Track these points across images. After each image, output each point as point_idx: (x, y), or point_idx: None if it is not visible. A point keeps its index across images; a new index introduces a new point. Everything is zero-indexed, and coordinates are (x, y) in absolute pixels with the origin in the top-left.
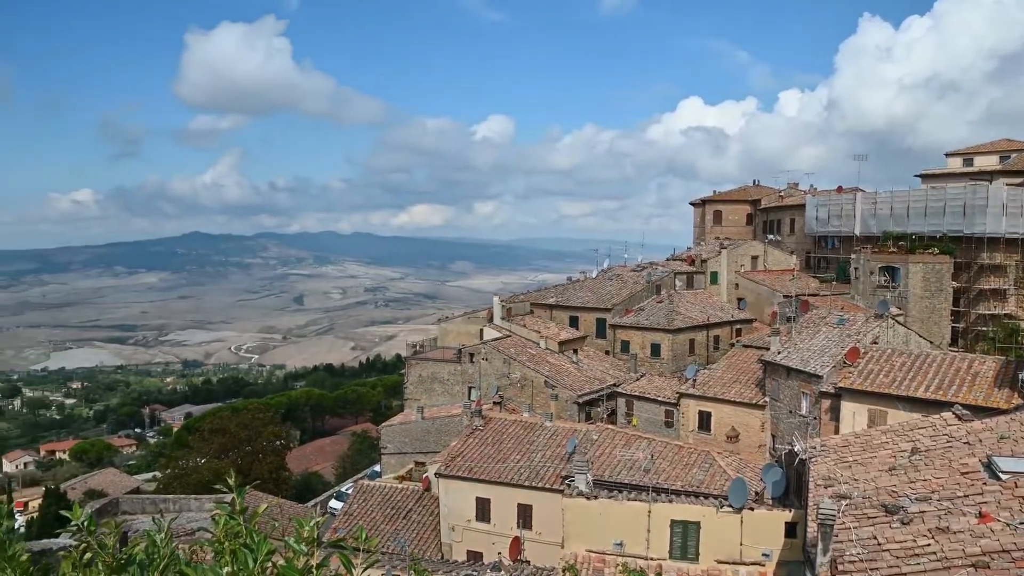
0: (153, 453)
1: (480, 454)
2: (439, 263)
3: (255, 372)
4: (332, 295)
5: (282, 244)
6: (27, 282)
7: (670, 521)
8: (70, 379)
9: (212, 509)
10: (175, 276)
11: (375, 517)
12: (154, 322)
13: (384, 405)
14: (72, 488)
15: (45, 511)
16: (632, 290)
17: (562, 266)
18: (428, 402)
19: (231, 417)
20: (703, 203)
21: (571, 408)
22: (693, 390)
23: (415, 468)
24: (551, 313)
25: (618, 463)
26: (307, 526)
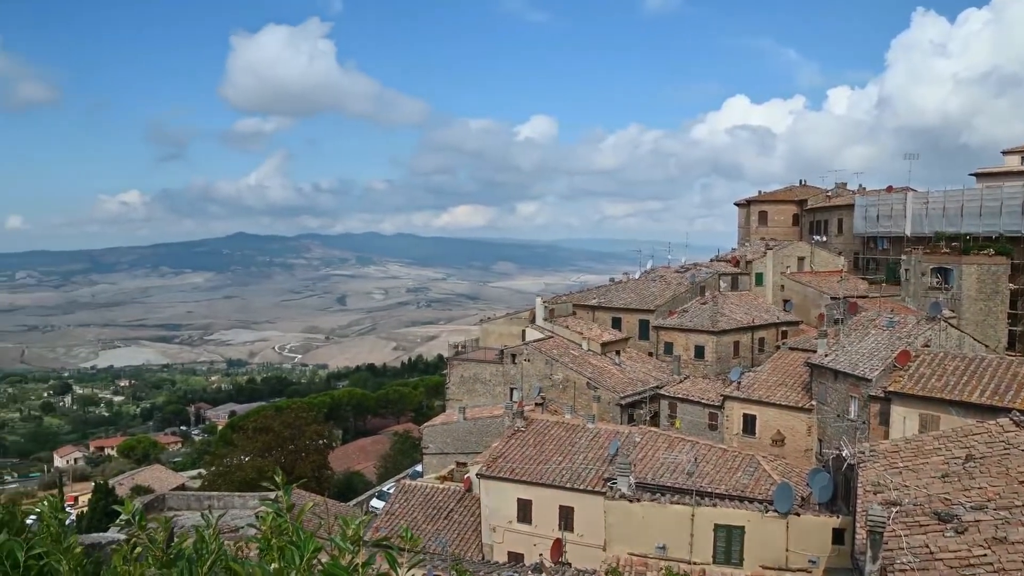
0: (198, 451)
1: (522, 455)
2: (481, 264)
3: (298, 372)
4: (374, 295)
5: (325, 245)
6: (77, 282)
7: (714, 525)
8: (118, 377)
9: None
10: (220, 276)
11: (416, 517)
12: (199, 322)
13: (425, 405)
14: (120, 484)
15: (94, 506)
16: (676, 291)
17: (605, 267)
18: (470, 403)
19: (275, 416)
20: (748, 203)
21: (613, 410)
22: (738, 393)
23: (456, 468)
24: (594, 314)
25: (661, 466)
26: (352, 525)
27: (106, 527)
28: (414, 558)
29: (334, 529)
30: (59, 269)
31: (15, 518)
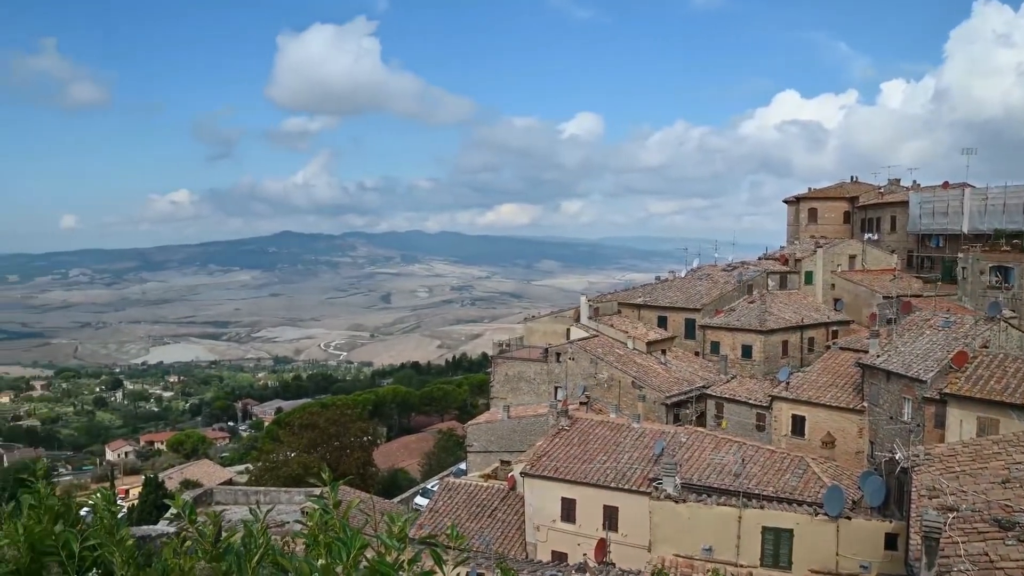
0: (245, 446)
1: (566, 454)
2: (525, 262)
3: (343, 369)
4: (419, 294)
5: (370, 243)
6: (128, 279)
7: (761, 528)
8: (168, 373)
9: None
10: (267, 274)
11: (460, 515)
12: (247, 319)
13: (469, 403)
14: (169, 478)
15: (144, 499)
16: (723, 290)
17: (650, 265)
18: (514, 401)
19: (320, 413)
20: (797, 201)
21: (659, 409)
22: (786, 393)
23: (500, 467)
24: (639, 313)
25: (707, 466)
26: (398, 522)
27: (156, 520)
28: (459, 556)
29: (380, 526)
30: (111, 267)
31: (70, 510)
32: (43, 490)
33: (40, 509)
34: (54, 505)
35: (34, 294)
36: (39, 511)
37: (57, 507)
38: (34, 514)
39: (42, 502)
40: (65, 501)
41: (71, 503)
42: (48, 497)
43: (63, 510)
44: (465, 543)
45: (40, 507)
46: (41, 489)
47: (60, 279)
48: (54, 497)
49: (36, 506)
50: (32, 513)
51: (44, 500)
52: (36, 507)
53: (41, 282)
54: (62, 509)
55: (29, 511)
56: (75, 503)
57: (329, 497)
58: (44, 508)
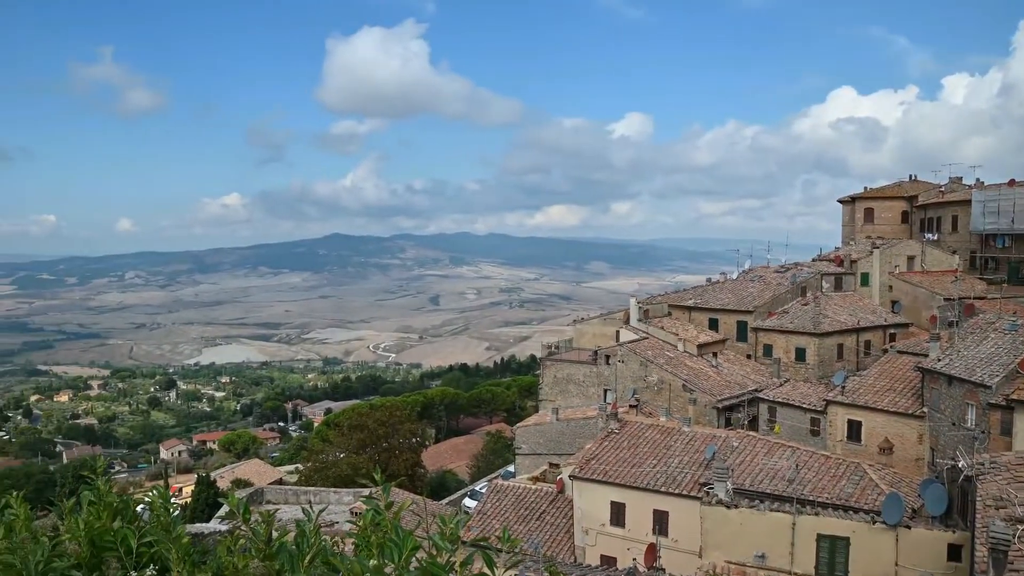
0: (295, 446)
1: (615, 457)
2: (574, 264)
3: (392, 370)
4: (467, 296)
5: (419, 245)
6: (182, 282)
7: (816, 535)
8: (220, 374)
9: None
10: (317, 276)
11: (508, 517)
12: (297, 321)
13: (518, 406)
14: (221, 476)
15: (197, 497)
16: (775, 292)
17: (701, 267)
18: (563, 403)
19: (369, 414)
20: (853, 200)
21: (710, 413)
22: (842, 397)
23: (549, 470)
24: (690, 315)
25: (760, 472)
26: (450, 523)
27: (208, 518)
28: (511, 559)
29: (432, 528)
30: (165, 269)
31: (128, 507)
32: (103, 487)
33: (100, 506)
34: (113, 502)
35: (91, 296)
36: (99, 508)
37: (116, 504)
38: (94, 510)
39: (102, 499)
40: (123, 498)
41: (129, 500)
42: (107, 494)
43: (121, 507)
44: (517, 546)
45: (100, 504)
46: (101, 486)
47: (116, 281)
48: (113, 494)
49: (96, 503)
50: (92, 509)
51: (104, 497)
52: (96, 504)
53: (98, 284)
54: (121, 506)
55: (89, 507)
56: (133, 500)
57: (381, 498)
58: (104, 505)
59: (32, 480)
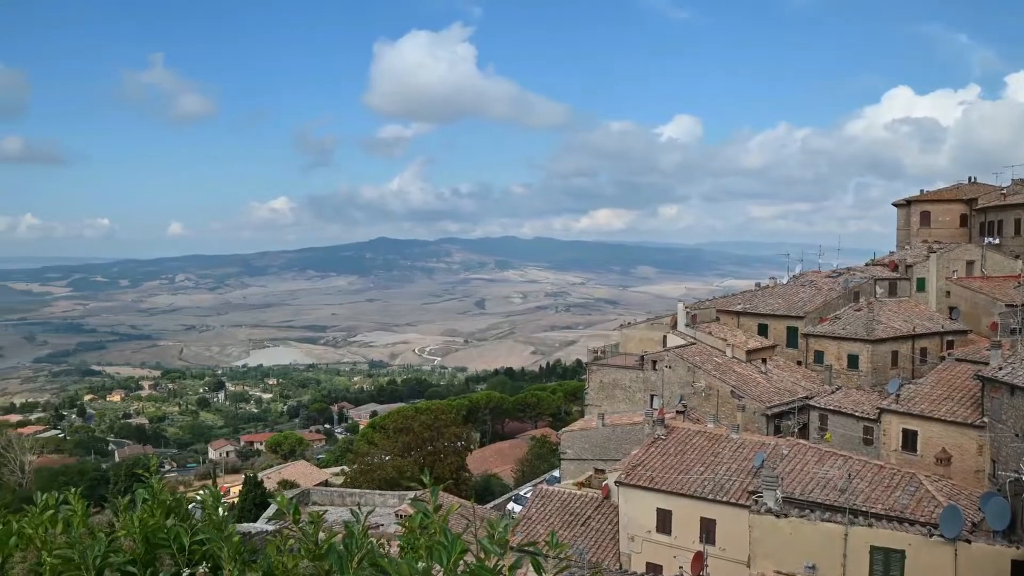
0: (340, 448)
1: (662, 464)
2: (621, 268)
3: (437, 374)
4: (513, 300)
5: (465, 249)
6: (231, 284)
7: (870, 547)
8: (267, 376)
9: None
10: (363, 280)
11: (553, 522)
12: (343, 324)
13: (563, 410)
14: (267, 477)
15: (244, 497)
16: (827, 297)
17: (750, 271)
18: (609, 409)
19: (415, 417)
20: (908, 203)
21: (759, 420)
22: (896, 406)
23: (594, 475)
24: (738, 320)
25: (810, 480)
26: (499, 527)
27: (255, 518)
28: (558, 564)
29: (480, 531)
30: (214, 272)
31: (181, 505)
32: (156, 485)
33: (154, 504)
34: (166, 500)
35: (143, 298)
36: (153, 505)
37: (169, 502)
38: (148, 508)
39: (155, 497)
40: (177, 497)
41: (182, 499)
42: (161, 492)
43: (174, 505)
44: (565, 551)
45: (154, 502)
46: (155, 484)
47: (167, 284)
48: (166, 492)
49: (150, 501)
50: (146, 507)
51: (157, 495)
52: (150, 501)
53: (149, 287)
54: (173, 504)
55: (144, 505)
56: (185, 498)
57: (429, 500)
58: (157, 503)
59: (86, 478)
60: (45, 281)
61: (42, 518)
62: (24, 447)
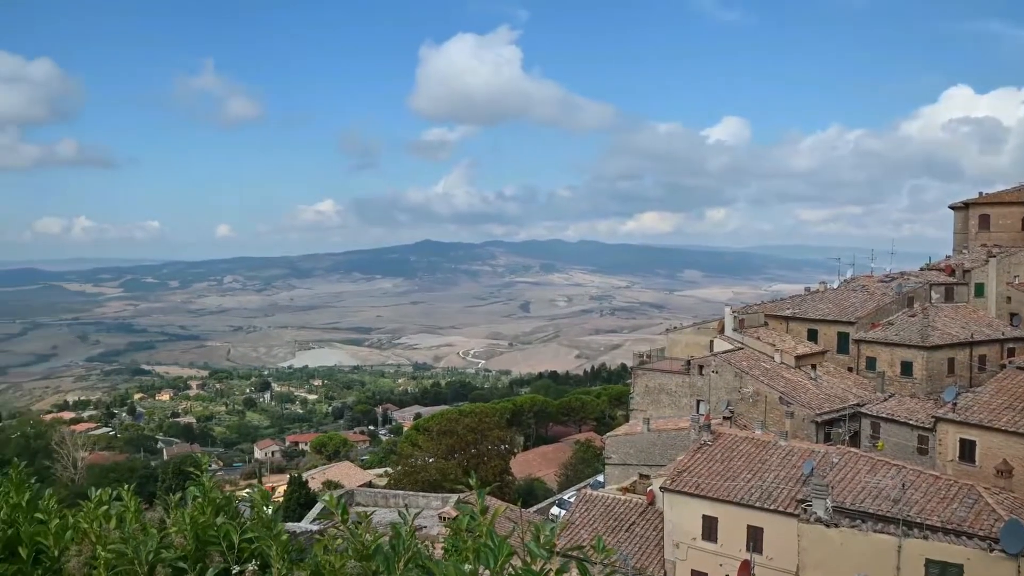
0: (384, 450)
1: (708, 470)
2: (667, 272)
3: (481, 377)
4: (558, 303)
5: (509, 252)
6: (277, 286)
7: (925, 560)
8: (312, 377)
9: (439, 507)
10: (408, 282)
11: (597, 527)
12: (388, 326)
13: (608, 415)
14: (312, 477)
15: (289, 496)
16: (879, 302)
17: (799, 276)
18: (654, 414)
19: (459, 419)
20: (966, 206)
21: (808, 427)
22: (953, 415)
23: (639, 481)
24: (787, 325)
25: (862, 490)
26: (545, 531)
27: (299, 517)
28: (604, 569)
29: (526, 535)
30: (261, 274)
31: (230, 503)
32: (207, 483)
33: (204, 501)
34: (216, 498)
35: (192, 299)
36: (203, 503)
37: (219, 500)
38: (198, 506)
39: (206, 495)
40: (227, 495)
41: (232, 497)
42: (211, 490)
43: (224, 503)
44: (612, 556)
45: (204, 499)
46: (205, 482)
47: (215, 285)
48: (217, 490)
49: (200, 498)
50: (197, 505)
51: (208, 493)
52: (200, 499)
53: (198, 288)
54: (223, 502)
55: (194, 502)
56: (235, 497)
57: (475, 502)
58: (208, 501)
59: (135, 475)
60: (98, 282)
61: (96, 513)
62: (77, 444)
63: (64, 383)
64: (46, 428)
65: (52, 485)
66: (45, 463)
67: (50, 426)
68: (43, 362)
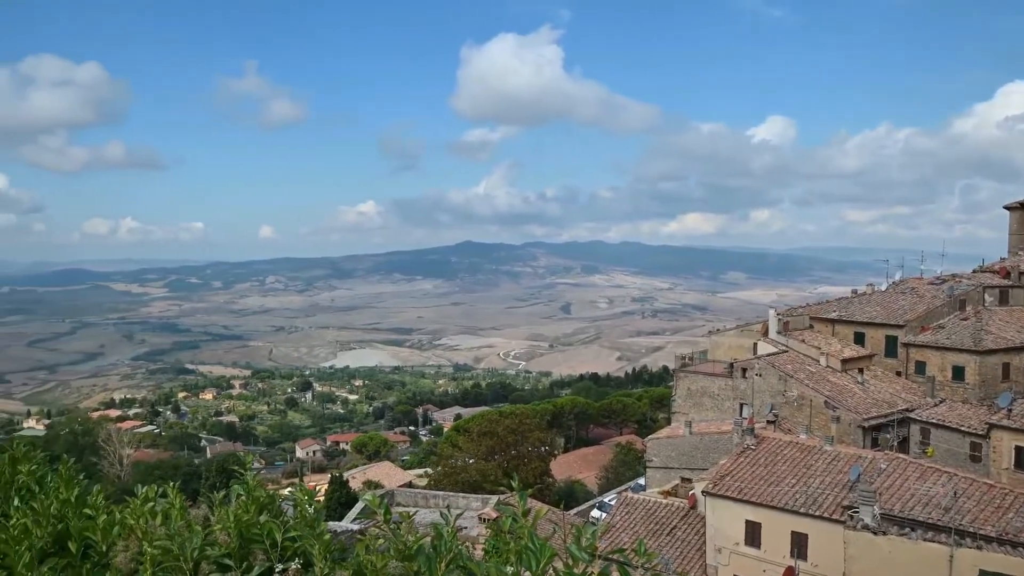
0: (424, 450)
1: (751, 475)
2: (710, 273)
3: (522, 378)
4: (599, 304)
5: (550, 253)
6: (319, 287)
7: (979, 572)
8: (353, 377)
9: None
10: (449, 283)
11: (638, 531)
12: (429, 327)
13: (649, 417)
14: (352, 477)
15: (330, 496)
16: (930, 305)
17: (846, 278)
18: (696, 417)
19: (499, 421)
20: (1022, 206)
21: (854, 432)
22: (1008, 421)
23: (681, 484)
24: (833, 328)
25: (911, 497)
26: (587, 534)
27: (340, 517)
28: (647, 574)
29: (568, 537)
30: (303, 275)
31: (274, 502)
32: (251, 482)
33: (248, 500)
34: (260, 496)
35: (235, 299)
36: (247, 502)
37: (263, 499)
38: (242, 504)
39: (250, 493)
40: (270, 494)
41: (275, 495)
42: (255, 488)
43: (268, 502)
44: (654, 560)
45: (248, 498)
46: (250, 481)
47: (258, 286)
48: (261, 489)
49: (244, 496)
50: (241, 503)
51: (251, 491)
52: (244, 497)
53: (241, 288)
54: (267, 501)
55: (238, 501)
56: (278, 496)
57: (517, 504)
58: (252, 499)
59: (179, 472)
60: (143, 282)
61: (143, 510)
62: (123, 441)
63: (111, 381)
64: (93, 425)
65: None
66: (92, 459)
67: (97, 423)
68: (91, 360)
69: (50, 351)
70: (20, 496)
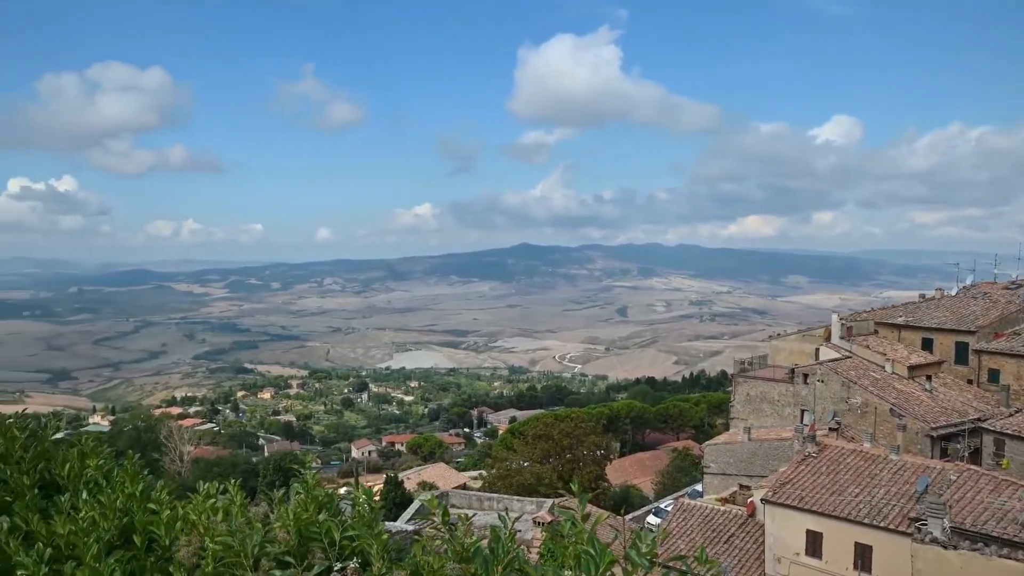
0: (479, 452)
1: (813, 483)
2: (770, 277)
3: (577, 381)
4: (656, 308)
5: (607, 256)
6: (375, 289)
7: None
8: (409, 378)
9: (533, 512)
10: (505, 286)
11: (695, 538)
12: (485, 329)
13: (706, 423)
14: (407, 478)
15: (385, 496)
16: (1004, 311)
17: (913, 282)
18: (755, 423)
19: (554, 424)
20: None
21: (922, 442)
22: None
23: (739, 491)
24: (899, 334)
25: (984, 511)
26: (647, 540)
27: (395, 517)
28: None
29: (627, 543)
30: (360, 277)
31: (332, 501)
32: (311, 480)
33: (307, 498)
34: (319, 495)
35: (293, 300)
36: (306, 500)
37: (321, 497)
38: (301, 502)
39: (309, 492)
40: (329, 493)
41: (333, 494)
42: (314, 487)
43: (326, 500)
44: (715, 568)
45: (307, 496)
46: (309, 479)
47: (315, 287)
48: (320, 488)
49: (303, 495)
50: (300, 501)
51: (311, 490)
52: (303, 496)
53: (299, 289)
54: (325, 500)
55: (297, 499)
56: (337, 495)
57: (576, 508)
58: (311, 497)
59: (238, 469)
60: (204, 283)
61: (205, 506)
62: (184, 438)
63: (172, 379)
64: (156, 422)
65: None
66: (154, 455)
67: (159, 420)
68: (153, 359)
69: (115, 349)
70: (88, 490)
